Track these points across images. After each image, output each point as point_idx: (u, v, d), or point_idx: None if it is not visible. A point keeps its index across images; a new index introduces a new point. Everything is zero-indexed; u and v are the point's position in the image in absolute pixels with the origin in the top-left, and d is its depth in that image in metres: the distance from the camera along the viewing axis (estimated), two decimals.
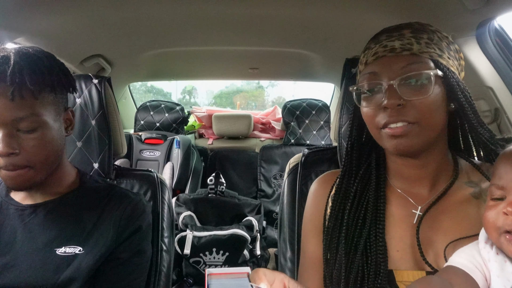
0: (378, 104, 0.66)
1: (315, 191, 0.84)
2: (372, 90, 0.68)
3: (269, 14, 1.39)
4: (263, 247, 1.98)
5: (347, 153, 0.78)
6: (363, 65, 0.72)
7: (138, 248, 0.84)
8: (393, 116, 0.64)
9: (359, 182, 0.75)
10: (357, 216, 0.72)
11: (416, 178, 0.72)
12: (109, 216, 0.82)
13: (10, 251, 0.77)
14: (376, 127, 0.68)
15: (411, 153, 0.68)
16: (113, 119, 1.03)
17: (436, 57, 0.65)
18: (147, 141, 2.45)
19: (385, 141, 0.67)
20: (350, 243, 0.70)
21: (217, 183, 2.04)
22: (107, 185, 0.90)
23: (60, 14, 1.25)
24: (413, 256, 0.67)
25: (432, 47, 0.66)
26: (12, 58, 0.68)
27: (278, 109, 3.16)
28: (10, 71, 0.66)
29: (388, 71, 0.65)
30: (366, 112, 0.70)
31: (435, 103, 0.65)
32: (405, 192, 0.73)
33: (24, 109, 0.68)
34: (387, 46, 0.67)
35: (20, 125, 0.68)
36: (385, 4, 1.18)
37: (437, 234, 0.67)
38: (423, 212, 0.69)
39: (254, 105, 6.84)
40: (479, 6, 1.01)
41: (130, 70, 2.36)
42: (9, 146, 0.67)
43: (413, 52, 0.65)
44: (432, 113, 0.64)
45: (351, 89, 0.72)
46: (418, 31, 0.67)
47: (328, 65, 2.17)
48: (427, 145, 0.67)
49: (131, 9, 1.30)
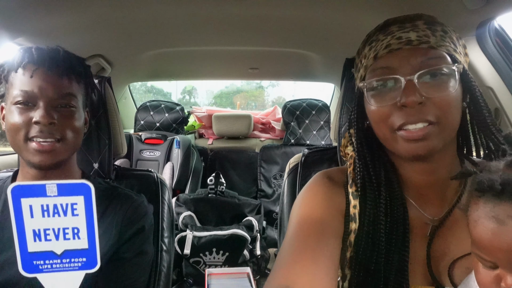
0: (393, 102, 0.59)
1: (325, 180, 0.72)
2: (384, 86, 0.61)
3: (269, 14, 1.39)
4: (263, 247, 1.98)
5: (360, 159, 0.69)
6: (370, 59, 0.64)
7: (140, 248, 0.84)
8: (412, 115, 0.57)
9: (386, 193, 0.65)
10: (391, 228, 0.64)
11: (426, 185, 0.66)
12: (112, 216, 0.83)
13: (12, 247, 0.77)
14: (390, 129, 0.61)
15: (428, 157, 0.61)
16: (113, 119, 1.03)
17: (452, 52, 0.60)
18: (147, 141, 2.45)
19: (400, 145, 0.60)
20: (388, 257, 0.62)
21: (217, 183, 2.04)
22: (110, 187, 0.91)
23: (60, 14, 1.25)
24: (423, 270, 0.63)
25: (447, 40, 0.61)
26: (62, 49, 0.83)
27: (278, 109, 3.16)
28: (62, 55, 0.81)
29: (406, 66, 0.59)
30: (378, 112, 0.62)
31: (455, 101, 0.59)
32: (416, 201, 0.67)
33: (67, 87, 0.80)
34: (402, 37, 0.60)
35: (60, 101, 0.79)
36: (385, 4, 1.19)
37: (449, 247, 0.62)
38: (437, 224, 0.64)
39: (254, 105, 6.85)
40: (479, 6, 1.01)
41: (130, 70, 2.36)
42: (51, 116, 0.76)
43: (431, 45, 0.59)
44: (452, 111, 0.59)
45: (361, 85, 0.65)
46: (431, 23, 0.62)
47: (328, 65, 2.17)
48: (443, 147, 0.61)
49: (131, 9, 1.30)
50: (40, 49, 0.81)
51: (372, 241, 0.64)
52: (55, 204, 0.53)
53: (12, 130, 0.76)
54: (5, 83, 0.81)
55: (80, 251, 0.54)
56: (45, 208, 0.52)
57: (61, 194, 0.52)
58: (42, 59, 0.78)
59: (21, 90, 0.76)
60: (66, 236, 0.53)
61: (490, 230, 0.47)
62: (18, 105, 0.76)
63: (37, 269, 0.54)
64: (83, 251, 0.54)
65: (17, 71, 0.78)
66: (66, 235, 0.53)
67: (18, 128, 0.75)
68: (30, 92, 0.76)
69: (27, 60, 0.78)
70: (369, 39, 0.67)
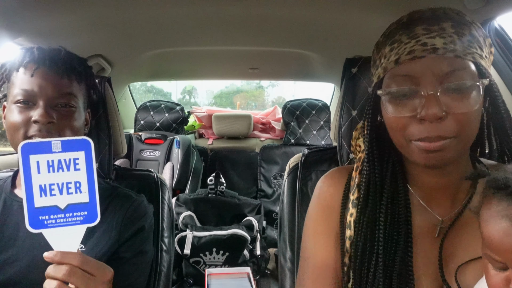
0: (412, 114, 0.57)
1: (326, 190, 0.74)
2: (404, 95, 0.58)
3: (269, 14, 1.39)
4: (263, 247, 1.98)
5: (369, 160, 0.68)
6: (391, 62, 0.59)
7: (140, 248, 0.85)
8: (431, 131, 0.55)
9: (387, 193, 0.65)
10: (392, 232, 0.63)
11: (438, 187, 0.64)
12: (112, 216, 0.83)
13: (12, 247, 0.78)
14: (406, 138, 0.59)
15: (443, 166, 0.61)
16: (113, 119, 1.03)
17: (478, 59, 0.57)
18: (147, 141, 2.45)
19: (415, 154, 0.59)
20: (387, 261, 0.62)
21: (217, 183, 2.04)
22: (111, 187, 0.92)
23: (60, 14, 1.25)
24: (433, 271, 0.62)
25: (475, 46, 0.57)
26: (63, 49, 0.84)
27: (278, 109, 3.16)
28: (63, 55, 0.82)
29: (430, 77, 0.56)
30: (395, 120, 0.60)
31: (477, 115, 0.57)
32: (426, 201, 0.65)
33: (67, 87, 0.80)
34: (427, 44, 0.56)
35: (60, 100, 0.79)
36: (385, 4, 1.19)
37: (457, 249, 0.61)
38: (447, 226, 0.62)
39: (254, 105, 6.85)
40: (479, 6, 1.02)
41: (130, 70, 2.36)
42: (50, 116, 0.76)
43: (457, 54, 0.55)
44: (472, 126, 0.57)
45: (379, 92, 0.62)
46: (459, 24, 0.57)
47: (328, 65, 2.17)
48: (460, 157, 0.60)
49: (131, 9, 1.30)
50: (42, 49, 0.81)
51: (370, 245, 0.64)
52: (59, 159, 0.58)
53: (12, 129, 0.77)
54: (7, 83, 0.82)
55: (81, 205, 0.59)
56: (50, 164, 0.58)
57: (65, 150, 0.58)
58: (43, 58, 0.79)
59: (21, 89, 0.77)
60: (69, 190, 0.59)
61: (502, 229, 0.47)
62: (18, 104, 0.77)
63: (43, 225, 0.58)
64: (85, 205, 0.59)
65: (18, 70, 0.79)
66: (69, 189, 0.59)
67: (18, 126, 0.76)
68: (30, 91, 0.76)
69: (28, 59, 0.79)
70: (391, 35, 0.62)
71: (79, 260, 0.57)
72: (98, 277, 0.59)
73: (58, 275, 0.56)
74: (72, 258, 0.57)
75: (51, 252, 0.58)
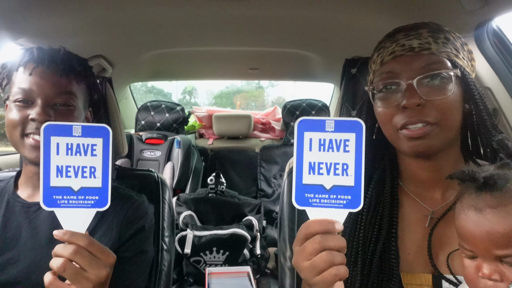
0: (396, 104, 0.65)
1: None
2: (389, 89, 0.67)
3: (269, 15, 1.40)
4: (263, 246, 1.99)
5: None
6: (377, 64, 0.70)
7: (140, 248, 0.85)
8: (413, 116, 0.63)
9: (374, 187, 0.73)
10: (374, 222, 0.70)
11: (430, 181, 0.71)
12: (112, 216, 0.83)
13: (15, 247, 0.78)
14: (394, 128, 0.67)
15: (429, 155, 0.67)
16: (114, 119, 1.04)
17: (453, 57, 0.65)
18: (147, 141, 2.46)
19: (403, 143, 0.66)
20: (367, 248, 0.69)
21: (217, 183, 2.05)
22: (111, 186, 0.91)
23: (61, 15, 1.26)
24: (424, 259, 0.67)
25: (449, 47, 0.66)
26: (63, 49, 0.85)
27: (278, 109, 3.16)
28: (62, 54, 0.83)
29: (407, 71, 0.65)
30: (383, 113, 0.68)
31: (454, 103, 0.64)
32: (418, 195, 0.71)
33: (66, 86, 0.80)
34: (405, 45, 0.66)
35: (58, 99, 0.79)
36: (385, 5, 1.19)
37: (449, 238, 0.66)
38: (439, 216, 0.68)
39: (254, 105, 6.85)
40: (477, 7, 1.02)
41: (131, 70, 2.37)
42: (47, 114, 0.76)
43: (432, 52, 0.64)
44: (451, 113, 0.64)
45: (366, 88, 0.70)
46: (435, 31, 0.67)
47: (328, 65, 2.18)
48: (444, 146, 0.66)
49: (132, 9, 1.31)
50: (41, 49, 0.82)
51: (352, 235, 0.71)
52: (78, 143, 0.60)
53: (10, 126, 0.78)
54: (8, 82, 0.83)
55: (94, 189, 0.61)
56: (69, 147, 0.60)
57: (84, 135, 0.60)
58: (42, 58, 0.80)
59: (20, 88, 0.78)
60: (84, 174, 0.61)
61: (469, 219, 0.52)
62: (17, 102, 0.78)
63: (56, 203, 0.60)
64: (97, 190, 0.62)
65: (18, 70, 0.80)
66: (84, 173, 0.61)
67: (15, 124, 0.77)
68: (29, 90, 0.77)
69: (27, 59, 0.80)
70: (379, 45, 0.72)
71: (86, 241, 0.59)
72: (102, 259, 0.61)
73: (65, 253, 0.58)
74: (80, 239, 0.59)
75: (61, 230, 0.60)
